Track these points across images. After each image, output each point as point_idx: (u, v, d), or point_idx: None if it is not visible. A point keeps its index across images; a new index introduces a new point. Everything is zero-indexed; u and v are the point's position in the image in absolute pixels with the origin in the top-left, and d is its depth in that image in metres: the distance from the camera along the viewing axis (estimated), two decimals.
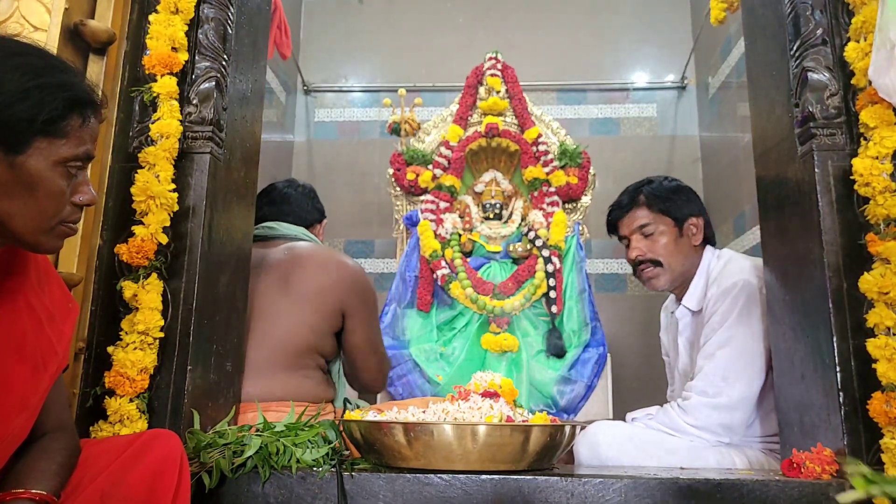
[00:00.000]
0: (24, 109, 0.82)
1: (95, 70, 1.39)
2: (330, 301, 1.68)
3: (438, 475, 1.20)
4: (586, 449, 1.59)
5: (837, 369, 1.27)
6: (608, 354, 2.74)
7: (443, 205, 2.95)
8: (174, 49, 1.44)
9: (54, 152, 0.85)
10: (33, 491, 0.88)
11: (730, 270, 1.71)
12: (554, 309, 2.74)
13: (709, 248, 1.83)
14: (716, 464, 1.57)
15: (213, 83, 1.45)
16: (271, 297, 1.67)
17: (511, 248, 2.91)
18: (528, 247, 2.88)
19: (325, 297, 1.68)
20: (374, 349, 1.78)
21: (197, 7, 1.48)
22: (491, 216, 2.99)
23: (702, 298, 1.76)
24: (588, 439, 1.59)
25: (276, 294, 1.67)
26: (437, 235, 2.86)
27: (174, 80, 1.42)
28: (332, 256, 1.77)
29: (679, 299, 1.84)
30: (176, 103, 1.41)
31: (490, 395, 1.30)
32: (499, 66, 3.10)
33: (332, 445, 1.30)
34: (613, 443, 1.57)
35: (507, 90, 3.08)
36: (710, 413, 1.58)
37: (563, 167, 2.97)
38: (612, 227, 1.93)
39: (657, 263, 1.79)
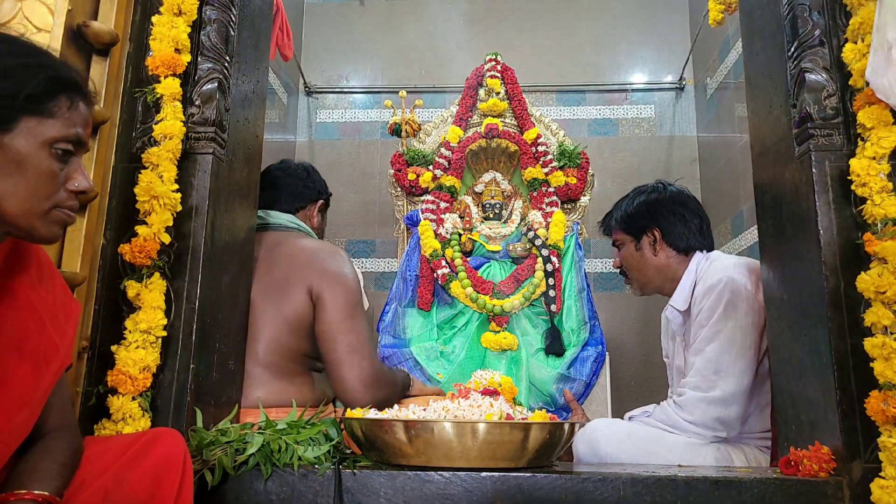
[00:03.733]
0: (6, 86, 0.83)
1: (98, 71, 1.40)
2: (297, 290, 1.55)
3: (439, 472, 1.21)
4: (585, 447, 1.60)
5: (835, 368, 1.28)
6: (607, 353, 2.75)
7: (443, 205, 2.96)
8: (177, 50, 1.45)
9: (42, 132, 0.86)
10: (36, 492, 0.88)
11: (714, 269, 1.75)
12: (553, 308, 2.75)
13: (698, 253, 1.86)
14: (714, 461, 1.58)
15: (216, 84, 1.46)
16: (256, 302, 1.59)
17: (510, 248, 2.92)
18: (528, 246, 2.89)
19: (293, 285, 1.56)
20: (349, 333, 1.52)
21: (199, 9, 1.49)
22: (491, 216, 3.00)
23: (688, 297, 1.80)
24: (587, 437, 1.61)
25: (258, 298, 1.60)
26: (437, 235, 2.87)
27: (177, 81, 1.42)
28: (302, 242, 1.65)
29: None
30: (179, 104, 1.42)
31: (490, 393, 1.31)
32: (498, 67, 3.12)
33: (333, 443, 1.31)
34: (612, 440, 1.58)
35: (506, 91, 3.10)
36: (705, 408, 1.59)
37: (562, 168, 2.99)
38: None
39: (624, 273, 2.01)
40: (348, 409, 1.34)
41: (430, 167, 3.00)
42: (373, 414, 1.28)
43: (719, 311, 1.66)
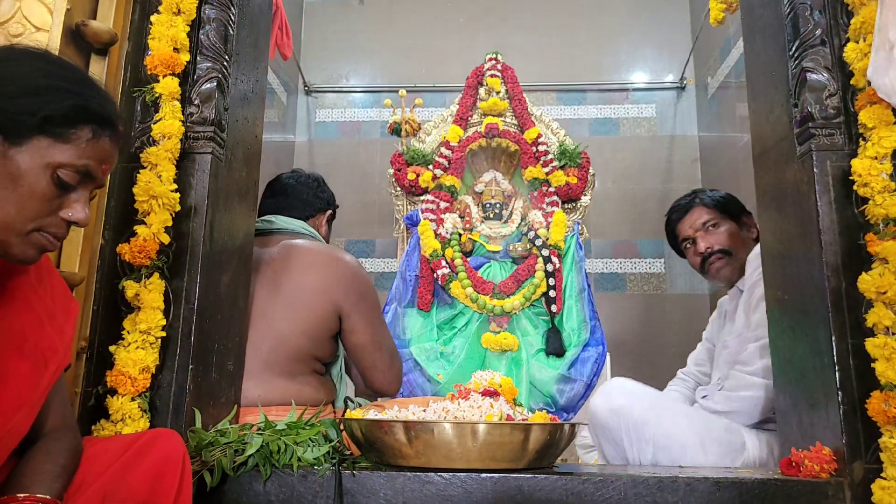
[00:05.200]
0: (29, 103, 0.84)
1: (97, 70, 1.39)
2: (324, 304, 1.61)
3: (439, 473, 1.20)
4: (601, 398, 1.66)
5: (836, 368, 1.27)
6: (607, 353, 2.74)
7: (443, 205, 2.96)
8: (176, 50, 1.44)
9: (50, 154, 0.85)
10: (38, 495, 0.88)
11: None
12: (553, 308, 2.74)
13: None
14: (724, 430, 1.61)
15: (215, 84, 1.45)
16: (264, 300, 1.61)
17: (511, 248, 2.92)
18: (528, 246, 2.89)
19: (318, 299, 1.61)
20: (379, 346, 1.68)
21: (198, 8, 1.48)
22: (491, 216, 3.00)
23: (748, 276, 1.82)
24: (605, 389, 1.67)
25: (268, 296, 1.62)
26: (437, 235, 2.86)
27: (176, 80, 1.42)
28: (324, 254, 1.69)
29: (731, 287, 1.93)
30: (178, 104, 1.41)
31: (490, 393, 1.30)
32: (499, 66, 3.11)
33: (332, 444, 1.30)
34: (628, 395, 1.64)
35: (506, 90, 3.09)
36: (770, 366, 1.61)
37: (562, 167, 2.98)
38: (672, 236, 2.03)
39: (726, 253, 1.91)
40: (348, 410, 1.33)
41: (430, 167, 3.00)
42: (372, 415, 1.28)
43: None
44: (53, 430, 0.99)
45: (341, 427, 1.33)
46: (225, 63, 1.49)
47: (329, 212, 1.95)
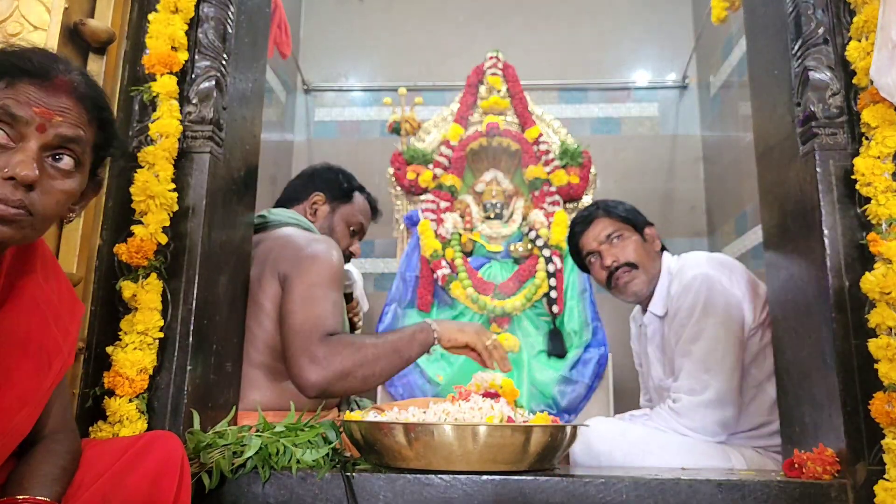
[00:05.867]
0: None
1: (95, 69, 1.38)
2: (271, 277, 1.50)
3: (439, 476, 1.20)
4: (581, 445, 1.60)
5: (839, 370, 1.27)
6: (609, 355, 2.73)
7: (443, 204, 2.95)
8: (174, 48, 1.43)
9: None
10: (39, 497, 0.88)
11: (687, 266, 1.75)
12: (555, 309, 2.74)
13: (666, 253, 1.87)
14: (707, 456, 1.58)
15: (213, 82, 1.44)
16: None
17: (512, 248, 2.91)
18: (529, 247, 2.88)
19: (269, 280, 1.51)
20: (300, 313, 1.39)
21: (197, 6, 1.47)
22: (492, 216, 2.99)
23: (666, 301, 1.77)
24: (583, 436, 1.61)
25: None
26: (437, 235, 2.86)
27: (174, 79, 1.41)
28: (282, 236, 1.59)
29: (645, 308, 1.86)
30: (175, 103, 1.40)
31: (491, 395, 1.30)
32: (500, 64, 3.11)
33: (332, 446, 1.29)
34: (605, 438, 1.59)
35: (507, 89, 3.09)
36: (704, 412, 1.59)
37: (564, 166, 2.97)
38: (576, 250, 1.93)
39: (633, 266, 1.81)
40: (347, 412, 1.32)
41: (430, 166, 2.99)
42: (372, 417, 1.27)
43: (699, 309, 1.66)
44: (53, 431, 0.99)
45: (340, 429, 1.32)
46: (223, 62, 1.48)
47: (316, 193, 1.78)
